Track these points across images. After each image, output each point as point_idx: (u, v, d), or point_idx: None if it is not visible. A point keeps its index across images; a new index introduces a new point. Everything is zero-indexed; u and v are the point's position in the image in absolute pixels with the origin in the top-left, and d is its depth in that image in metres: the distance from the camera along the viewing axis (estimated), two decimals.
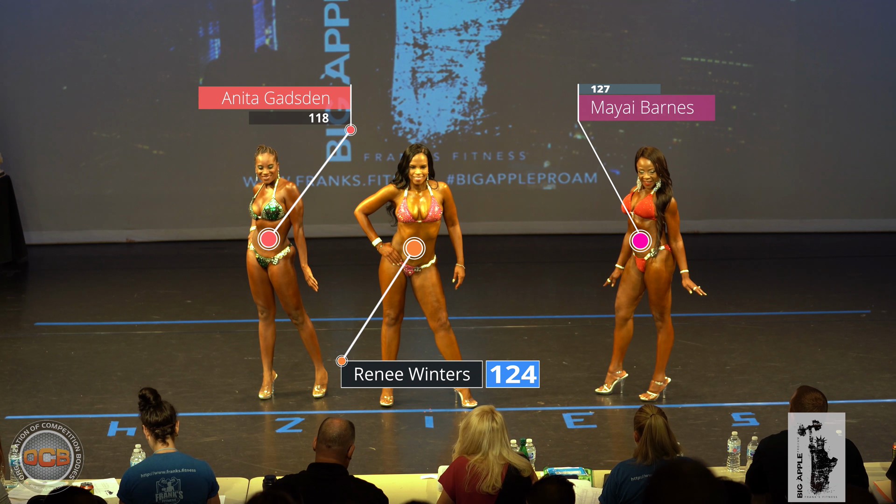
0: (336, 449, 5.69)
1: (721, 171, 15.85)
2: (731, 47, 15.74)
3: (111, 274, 13.89)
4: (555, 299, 12.69)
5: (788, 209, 15.90)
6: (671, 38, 15.70)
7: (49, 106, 15.46)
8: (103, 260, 14.83)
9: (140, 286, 13.06)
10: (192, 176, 15.72)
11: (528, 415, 8.62)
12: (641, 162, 8.58)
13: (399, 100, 15.75)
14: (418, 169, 8.47)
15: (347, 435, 5.75)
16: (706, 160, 15.80)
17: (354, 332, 11.23)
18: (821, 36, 15.67)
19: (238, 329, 11.07)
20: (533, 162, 15.90)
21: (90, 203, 15.67)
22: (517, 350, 10.27)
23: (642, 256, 8.66)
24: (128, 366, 9.90)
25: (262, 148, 8.76)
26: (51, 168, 15.59)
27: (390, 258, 8.58)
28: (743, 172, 15.90)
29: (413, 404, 8.85)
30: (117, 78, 15.49)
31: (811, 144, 15.83)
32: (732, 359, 9.94)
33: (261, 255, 8.79)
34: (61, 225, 15.63)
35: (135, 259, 14.90)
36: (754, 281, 13.19)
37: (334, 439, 5.70)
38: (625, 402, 8.87)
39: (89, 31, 15.43)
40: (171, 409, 5.95)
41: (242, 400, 9.02)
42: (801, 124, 15.83)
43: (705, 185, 15.77)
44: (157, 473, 5.77)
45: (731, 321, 11.19)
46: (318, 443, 5.75)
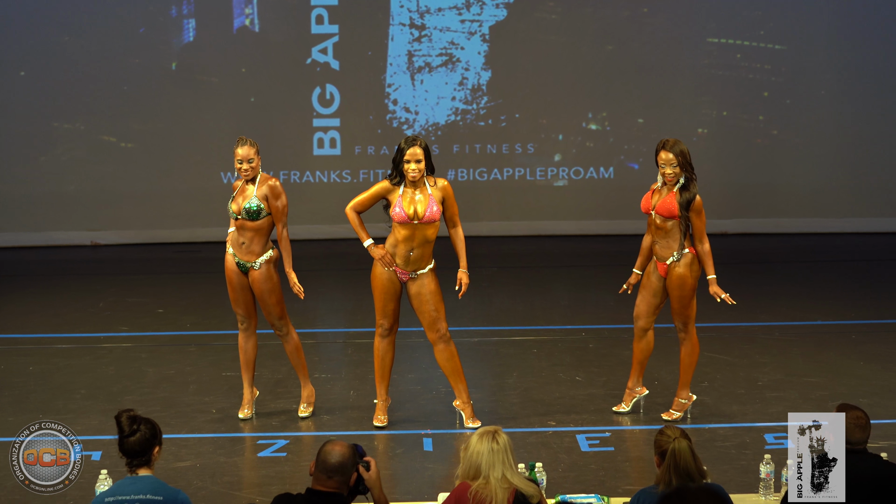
0: (337, 480, 5.64)
1: (751, 165, 15.84)
2: (761, 27, 15.73)
3: (74, 280, 13.86)
4: (567, 307, 12.68)
5: (826, 207, 15.90)
6: (695, 18, 15.70)
7: (4, 94, 15.46)
8: (65, 264, 14.81)
9: (106, 294, 13.04)
10: (164, 171, 15.71)
11: (537, 436, 8.61)
12: (663, 155, 8.57)
13: (394, 87, 15.75)
14: (413, 164, 8.45)
15: (349, 464, 5.68)
16: (734, 153, 15.80)
17: (345, 344, 11.21)
18: (862, 14, 15.67)
19: (215, 341, 11.05)
20: (542, 155, 15.89)
21: (51, 202, 15.66)
22: (525, 365, 10.25)
23: (664, 261, 8.65)
24: (92, 383, 9.89)
25: (242, 140, 8.75)
26: (6, 163, 15.59)
27: (383, 262, 8.56)
28: (775, 166, 15.89)
29: (410, 424, 8.84)
30: (81, 63, 15.48)
31: (851, 135, 15.82)
32: (765, 374, 9.93)
33: (241, 259, 8.78)
34: (18, 226, 15.63)
35: (101, 264, 14.88)
36: (788, 287, 13.17)
37: (335, 469, 5.62)
38: (645, 422, 8.85)
39: (49, 12, 15.43)
40: (148, 435, 5.86)
41: (220, 420, 9.01)
42: (840, 113, 15.81)
43: (733, 180, 15.77)
44: (121, 499, 5.72)
45: (763, 332, 11.17)
46: (317, 471, 5.69)
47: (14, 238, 15.58)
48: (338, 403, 9.31)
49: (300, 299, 8.94)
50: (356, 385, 9.76)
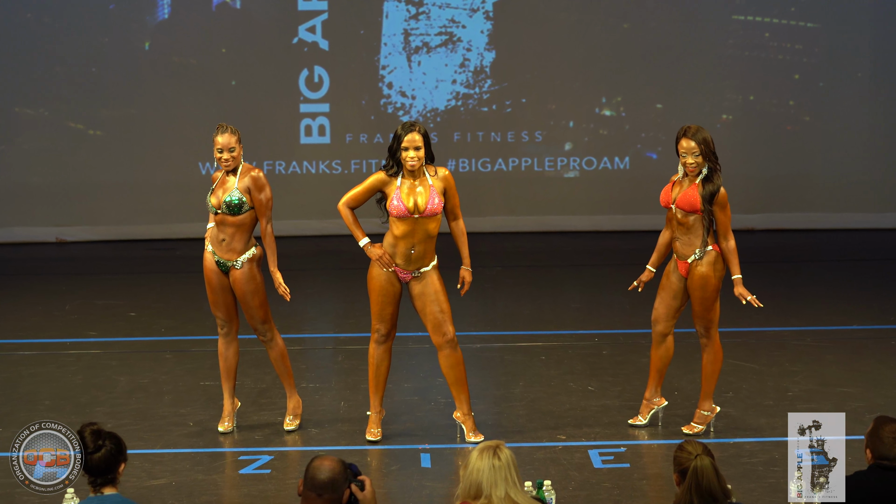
0: (328, 498, 5.64)
1: (780, 155, 15.83)
2: (792, 3, 15.72)
3: (38, 281, 13.86)
4: (578, 310, 12.68)
5: (862, 201, 15.89)
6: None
7: None
8: (29, 263, 14.80)
9: (74, 295, 13.02)
10: (137, 162, 15.70)
11: (546, 451, 8.60)
12: (684, 143, 8.55)
13: (388, 69, 15.73)
14: (412, 151, 8.43)
15: (340, 479, 5.69)
16: (762, 141, 15.79)
17: (335, 350, 11.18)
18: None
19: (193, 348, 11.03)
20: (551, 144, 15.88)
21: (12, 195, 15.64)
22: (532, 373, 10.24)
23: (685, 259, 8.63)
24: (58, 393, 9.88)
25: (223, 127, 8.73)
26: None
27: (382, 262, 8.53)
28: (807, 156, 15.88)
29: (406, 439, 8.83)
30: (44, 42, 15.46)
31: (890, 122, 15.81)
32: (795, 383, 9.92)
33: (221, 258, 8.76)
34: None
35: (67, 262, 14.87)
36: (821, 288, 13.16)
37: (325, 486, 5.63)
38: (664, 435, 8.85)
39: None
40: (114, 451, 5.90)
41: (198, 434, 9.00)
42: (878, 97, 15.80)
43: (761, 171, 15.76)
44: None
45: (794, 337, 11.16)
46: (305, 489, 5.70)
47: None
48: (327, 416, 9.30)
49: (286, 301, 8.92)
50: (347, 395, 9.75)
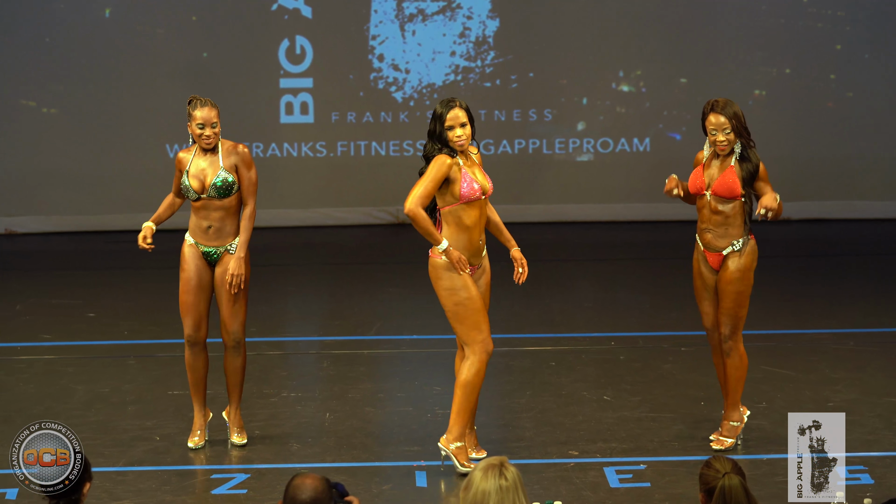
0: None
1: (819, 135, 15.84)
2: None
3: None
4: (592, 310, 12.69)
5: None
6: None
7: None
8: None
9: (25, 294, 13.03)
10: (96, 143, 15.71)
11: (556, 469, 8.62)
12: (712, 119, 8.57)
13: (379, 39, 15.73)
14: (458, 129, 8.34)
15: (325, 500, 5.72)
16: (799, 120, 15.80)
17: (319, 355, 11.20)
18: None
19: (159, 352, 11.04)
20: (562, 123, 15.89)
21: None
22: (541, 381, 10.26)
23: (719, 251, 8.64)
24: (8, 403, 9.89)
25: (201, 101, 8.71)
26: None
27: (460, 265, 8.37)
28: (850, 136, 15.89)
29: (399, 454, 8.84)
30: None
31: None
32: (836, 392, 9.94)
33: (209, 246, 8.73)
34: None
35: (18, 257, 14.86)
36: (865, 285, 13.16)
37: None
38: (687, 450, 8.86)
39: None
40: (76, 470, 5.97)
41: (165, 450, 9.01)
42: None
43: (797, 154, 15.77)
44: None
45: (834, 340, 11.17)
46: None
47: None
48: (310, 428, 9.32)
49: (234, 294, 8.81)
50: (333, 406, 9.77)
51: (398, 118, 15.75)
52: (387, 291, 13.01)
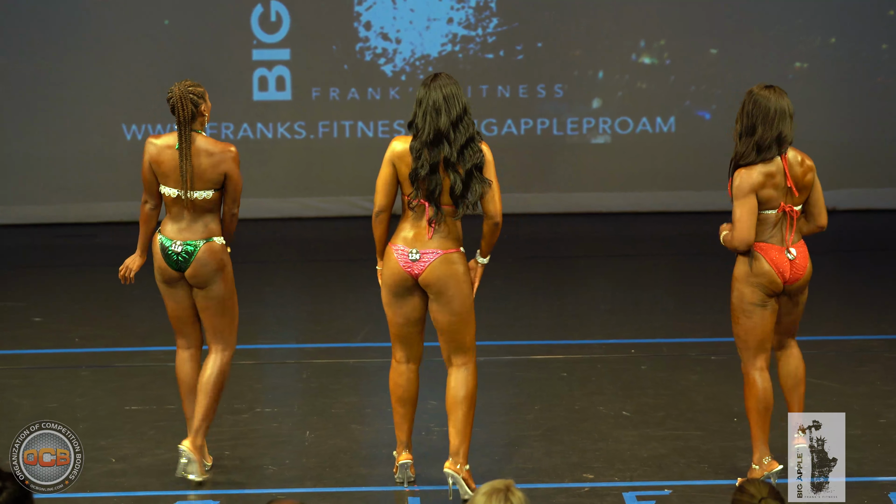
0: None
1: (869, 115, 15.87)
2: None
3: None
4: (609, 314, 12.71)
5: None
6: None
7: None
8: None
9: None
10: (45, 126, 15.73)
11: (568, 494, 8.64)
12: None
13: (366, 4, 15.76)
14: None
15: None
16: (846, 98, 15.83)
17: (298, 366, 11.21)
18: None
19: (116, 361, 11.05)
20: (575, 101, 15.92)
21: None
22: (551, 394, 10.28)
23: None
24: None
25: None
26: None
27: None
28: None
29: (389, 478, 8.84)
30: None
31: None
32: (889, 407, 9.96)
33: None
34: None
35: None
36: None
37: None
38: (718, 474, 8.88)
39: None
40: (18, 495, 5.97)
41: (123, 473, 9.02)
42: None
43: (844, 136, 15.81)
44: None
45: (887, 348, 11.20)
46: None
47: None
48: (288, 448, 9.33)
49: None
50: (314, 423, 9.78)
51: (387, 95, 15.75)
52: (374, 292, 12.97)
